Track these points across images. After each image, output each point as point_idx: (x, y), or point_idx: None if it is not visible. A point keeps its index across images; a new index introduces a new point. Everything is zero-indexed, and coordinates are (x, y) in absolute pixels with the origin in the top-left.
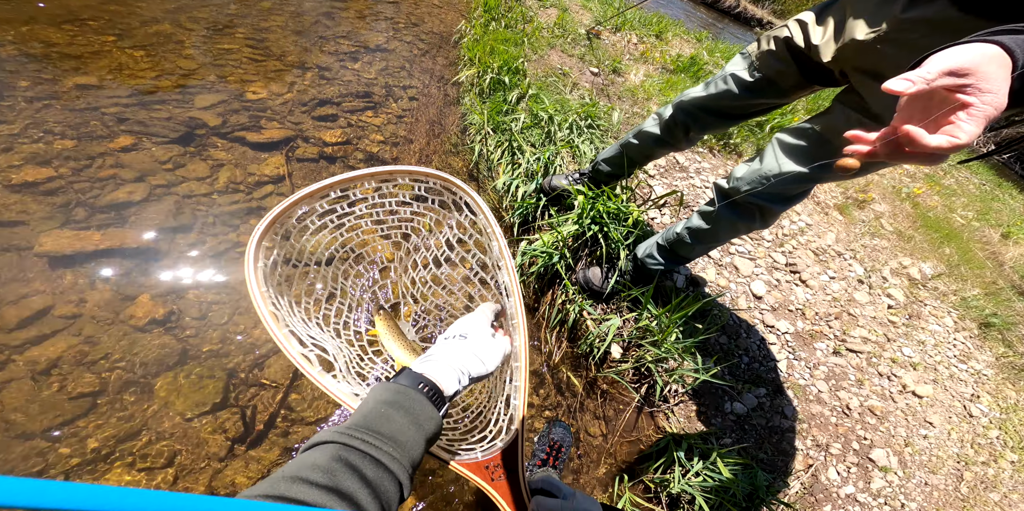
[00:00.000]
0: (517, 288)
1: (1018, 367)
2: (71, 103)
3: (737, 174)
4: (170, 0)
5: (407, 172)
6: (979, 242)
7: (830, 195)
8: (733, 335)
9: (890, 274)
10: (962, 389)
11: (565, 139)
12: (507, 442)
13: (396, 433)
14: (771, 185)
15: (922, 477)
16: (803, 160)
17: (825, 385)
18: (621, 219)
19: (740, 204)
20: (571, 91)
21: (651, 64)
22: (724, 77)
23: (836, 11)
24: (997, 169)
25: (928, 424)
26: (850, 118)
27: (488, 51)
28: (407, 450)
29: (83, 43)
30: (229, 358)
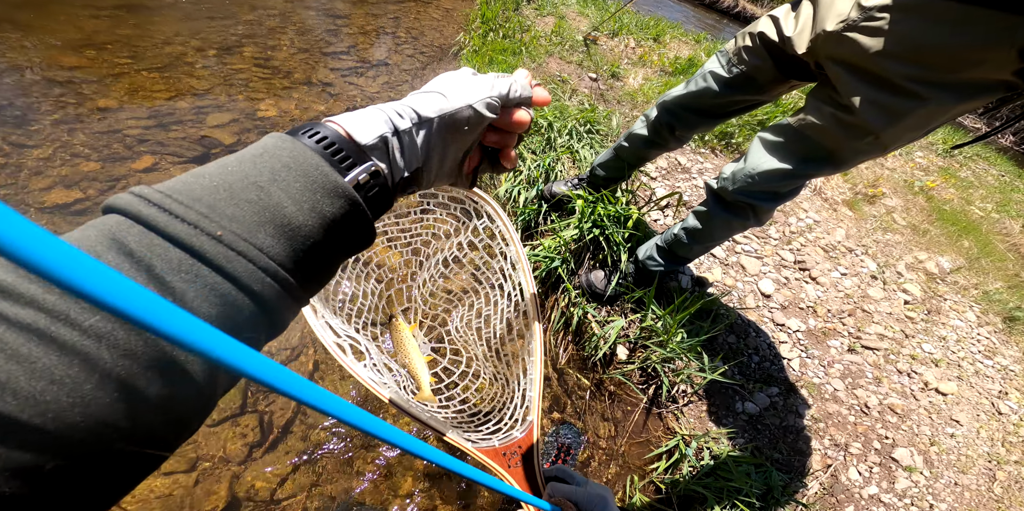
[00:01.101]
0: (532, 286)
1: None
2: (94, 126)
3: (725, 173)
4: (179, 22)
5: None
6: (999, 234)
7: (838, 191)
8: (742, 334)
9: (905, 269)
10: (989, 386)
11: (565, 145)
12: (523, 431)
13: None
14: (757, 183)
15: (951, 477)
16: (784, 156)
17: (841, 383)
18: (621, 222)
19: (731, 203)
20: (570, 97)
21: (649, 67)
22: (703, 75)
23: (808, 3)
24: (1017, 160)
25: (955, 422)
26: (823, 112)
27: (487, 61)
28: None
29: (101, 66)
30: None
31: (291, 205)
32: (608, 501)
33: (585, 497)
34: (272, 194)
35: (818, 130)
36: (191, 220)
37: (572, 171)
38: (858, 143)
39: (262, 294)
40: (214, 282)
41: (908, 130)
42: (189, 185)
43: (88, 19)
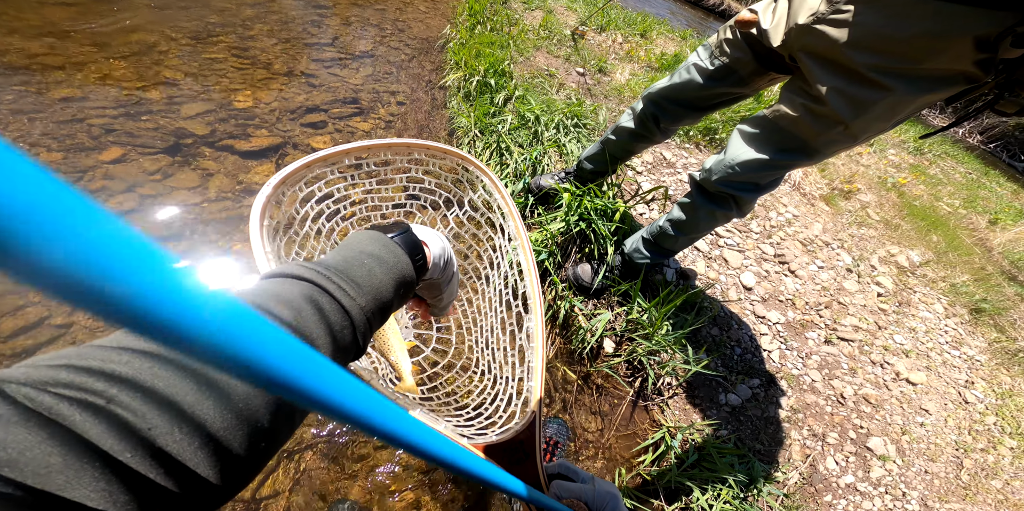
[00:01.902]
0: (533, 265)
1: (1011, 352)
2: (56, 115)
3: (707, 165)
4: (149, 11)
5: (424, 146)
6: (966, 229)
7: (816, 187)
8: (725, 326)
9: (878, 262)
10: (956, 375)
11: (552, 139)
12: (523, 424)
13: (379, 291)
14: (738, 173)
15: (921, 465)
16: (761, 147)
17: (818, 374)
18: (608, 215)
19: (714, 194)
20: (557, 92)
21: (636, 63)
22: (687, 67)
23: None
24: (984, 158)
25: (924, 411)
26: (795, 103)
27: (474, 54)
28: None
29: (65, 54)
30: None
31: (390, 290)
32: (618, 499)
33: (595, 496)
34: (384, 283)
35: (791, 121)
36: (350, 295)
37: (559, 165)
38: (829, 133)
39: (364, 337)
40: (350, 331)
41: (875, 120)
42: (344, 267)
43: (51, 7)
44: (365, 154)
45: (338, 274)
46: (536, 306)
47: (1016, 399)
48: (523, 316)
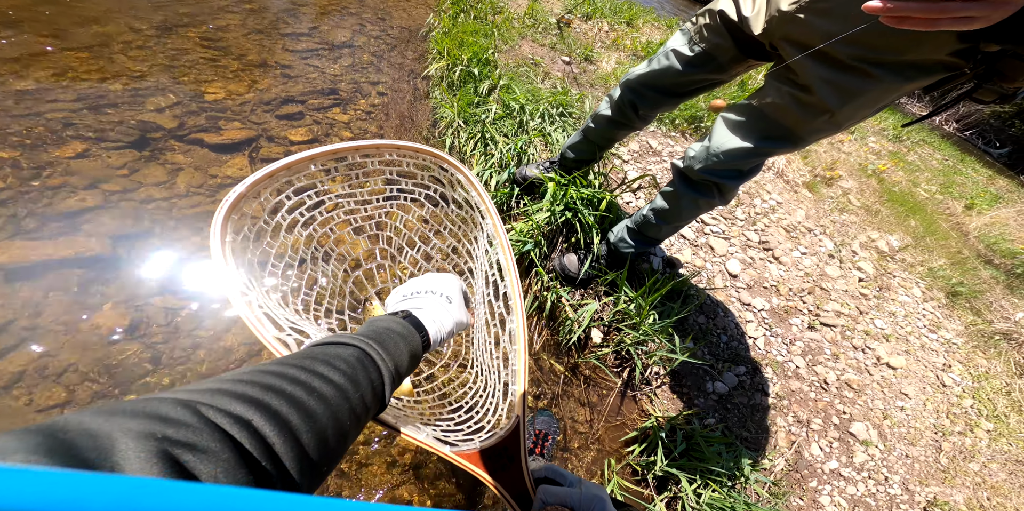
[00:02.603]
0: (513, 266)
1: (986, 335)
2: (11, 110)
3: (691, 153)
4: (111, 0)
5: (394, 146)
6: (943, 214)
7: (798, 174)
8: (711, 314)
9: (859, 248)
10: (934, 359)
11: (537, 128)
12: (508, 429)
13: (399, 360)
14: (721, 161)
15: (902, 449)
16: (746, 135)
17: (802, 360)
18: (593, 204)
19: (697, 182)
20: (543, 80)
21: (622, 51)
22: (666, 53)
23: None
24: (960, 145)
25: (904, 396)
26: (781, 92)
27: (457, 43)
28: (400, 374)
29: (20, 46)
30: (203, 363)
31: (406, 359)
32: (606, 502)
33: (581, 500)
34: (403, 353)
35: (777, 109)
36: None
37: (544, 154)
38: (815, 122)
39: (389, 393)
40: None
41: (860, 108)
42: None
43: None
44: (331, 159)
45: (377, 344)
46: (517, 307)
47: (992, 381)
48: (505, 317)
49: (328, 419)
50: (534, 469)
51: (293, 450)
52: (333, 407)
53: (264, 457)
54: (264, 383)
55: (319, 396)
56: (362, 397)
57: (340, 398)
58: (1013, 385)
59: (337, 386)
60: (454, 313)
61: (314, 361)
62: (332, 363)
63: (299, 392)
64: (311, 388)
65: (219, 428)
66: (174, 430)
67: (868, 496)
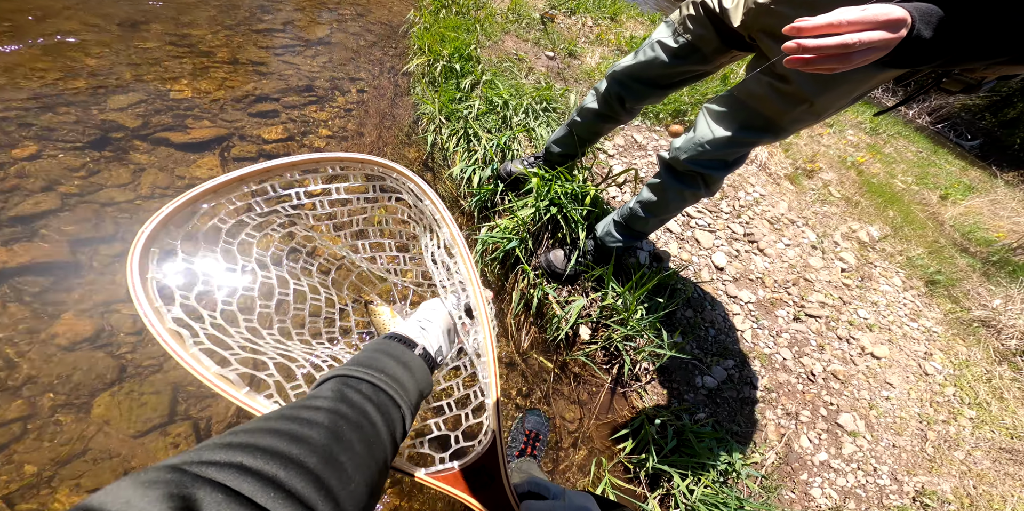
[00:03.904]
0: (475, 277)
1: (965, 322)
2: None
3: (676, 144)
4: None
5: (335, 159)
6: (919, 204)
7: (780, 166)
8: (698, 308)
9: (841, 238)
10: (915, 347)
11: (521, 123)
12: (485, 446)
13: (393, 373)
14: (706, 152)
15: (889, 439)
16: (728, 125)
17: (789, 352)
18: (579, 199)
19: (683, 173)
20: (527, 76)
21: (606, 46)
22: (651, 44)
23: None
24: (932, 138)
25: (889, 385)
26: (761, 81)
27: (439, 39)
28: (405, 388)
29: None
30: (175, 371)
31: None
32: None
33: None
34: (408, 378)
35: (758, 99)
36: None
37: (529, 150)
38: (794, 111)
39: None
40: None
41: (838, 98)
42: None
43: None
44: (264, 178)
45: (357, 365)
46: (482, 317)
47: (972, 369)
48: (470, 329)
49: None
50: (516, 483)
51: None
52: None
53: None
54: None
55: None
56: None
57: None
58: (993, 372)
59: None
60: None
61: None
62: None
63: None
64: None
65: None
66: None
67: (858, 487)
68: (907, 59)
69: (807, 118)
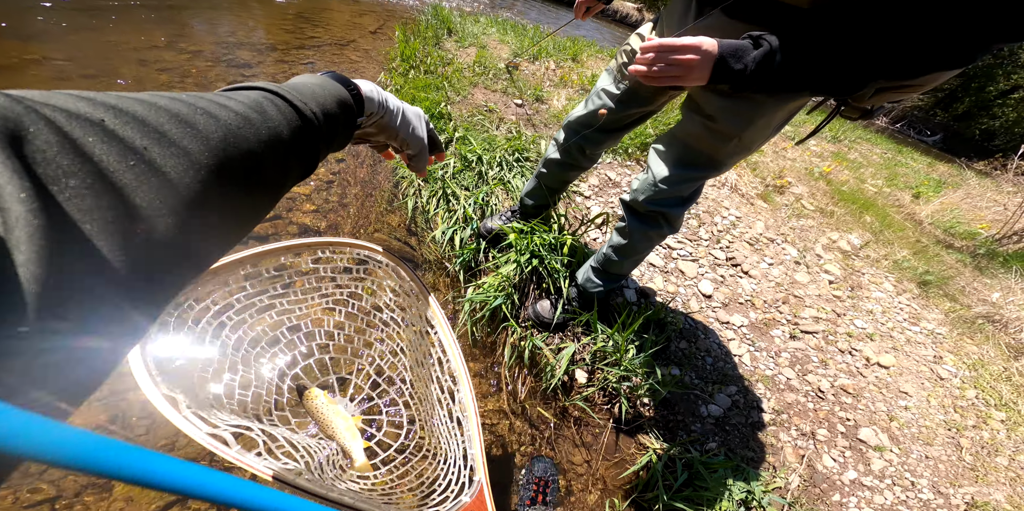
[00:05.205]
0: (454, 342)
1: (968, 320)
2: None
3: (634, 186)
4: (44, 84)
5: (324, 244)
6: (894, 206)
7: (751, 186)
8: (692, 338)
9: (823, 250)
10: (923, 352)
11: (496, 177)
12: (472, 495)
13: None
14: (662, 190)
15: (920, 451)
16: (674, 163)
17: (792, 372)
18: (558, 249)
19: (644, 214)
20: (498, 127)
21: (571, 87)
22: (597, 93)
23: (660, 26)
24: (895, 138)
25: (904, 394)
26: (694, 121)
27: (410, 100)
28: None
29: None
30: (188, 447)
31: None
32: None
33: None
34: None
35: (695, 137)
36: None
37: (506, 202)
38: (727, 146)
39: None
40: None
41: (761, 130)
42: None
43: None
44: (256, 262)
45: (288, 86)
46: (462, 376)
47: (989, 368)
48: (453, 390)
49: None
50: None
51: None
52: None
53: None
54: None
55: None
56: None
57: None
58: (1011, 368)
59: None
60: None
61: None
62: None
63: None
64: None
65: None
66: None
67: (900, 504)
68: (724, 81)
69: (740, 151)
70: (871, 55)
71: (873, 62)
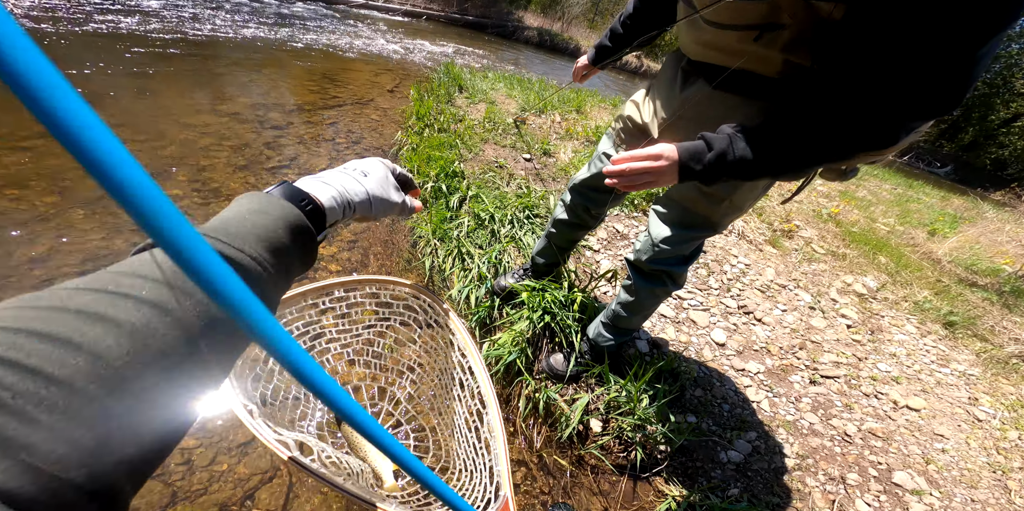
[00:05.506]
0: (482, 367)
1: (1001, 360)
2: (27, 280)
3: (637, 247)
4: None
5: (375, 281)
6: (909, 246)
7: (758, 232)
8: (707, 386)
9: (838, 294)
10: (956, 394)
11: (508, 235)
12: (498, 508)
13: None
14: (663, 251)
15: (964, 494)
16: (673, 224)
17: (814, 416)
18: (569, 305)
19: (649, 273)
20: (508, 183)
21: (576, 139)
22: (599, 156)
23: (651, 93)
24: (904, 172)
25: (940, 437)
26: (688, 185)
27: (425, 160)
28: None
29: (28, 209)
30: (219, 494)
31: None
32: None
33: None
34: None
35: (690, 200)
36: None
37: (519, 260)
38: (720, 208)
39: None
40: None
41: (749, 191)
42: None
43: (8, 152)
44: (322, 294)
45: (213, 231)
46: (490, 400)
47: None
48: (482, 412)
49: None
50: None
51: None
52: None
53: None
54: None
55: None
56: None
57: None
58: None
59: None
60: (369, 184)
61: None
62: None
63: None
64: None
65: None
66: None
67: None
68: (690, 180)
69: (733, 212)
70: (806, 143)
71: (809, 149)
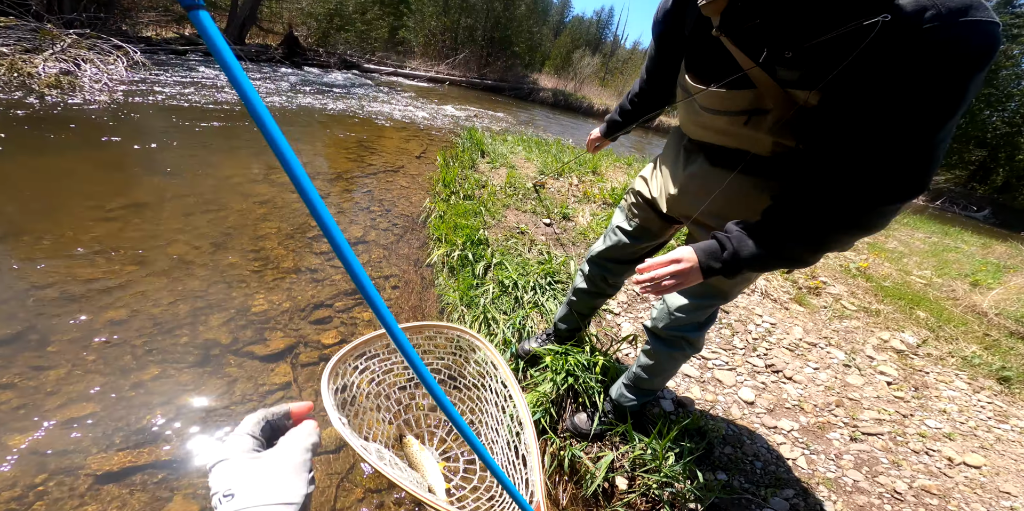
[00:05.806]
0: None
1: None
2: (106, 340)
3: (654, 314)
4: (180, 218)
5: (433, 326)
6: (949, 299)
7: (782, 291)
8: (736, 444)
9: (874, 351)
10: (1020, 450)
11: (531, 301)
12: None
13: None
14: (678, 318)
15: None
16: (687, 294)
17: (858, 473)
18: (591, 368)
19: (666, 339)
20: (529, 249)
21: (593, 202)
22: (613, 229)
23: (658, 168)
24: (936, 217)
25: (1007, 494)
26: None
27: (452, 227)
28: None
29: (112, 276)
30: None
31: None
32: None
33: None
34: None
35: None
36: None
37: (541, 325)
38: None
39: None
40: None
41: None
42: None
43: (97, 222)
44: (385, 341)
45: None
46: (527, 422)
47: None
48: (520, 433)
49: None
50: None
51: None
52: None
53: None
54: None
55: None
56: None
57: None
58: None
59: None
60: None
61: None
62: None
63: None
64: None
65: None
66: None
67: None
68: (714, 276)
69: (742, 282)
70: (801, 235)
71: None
